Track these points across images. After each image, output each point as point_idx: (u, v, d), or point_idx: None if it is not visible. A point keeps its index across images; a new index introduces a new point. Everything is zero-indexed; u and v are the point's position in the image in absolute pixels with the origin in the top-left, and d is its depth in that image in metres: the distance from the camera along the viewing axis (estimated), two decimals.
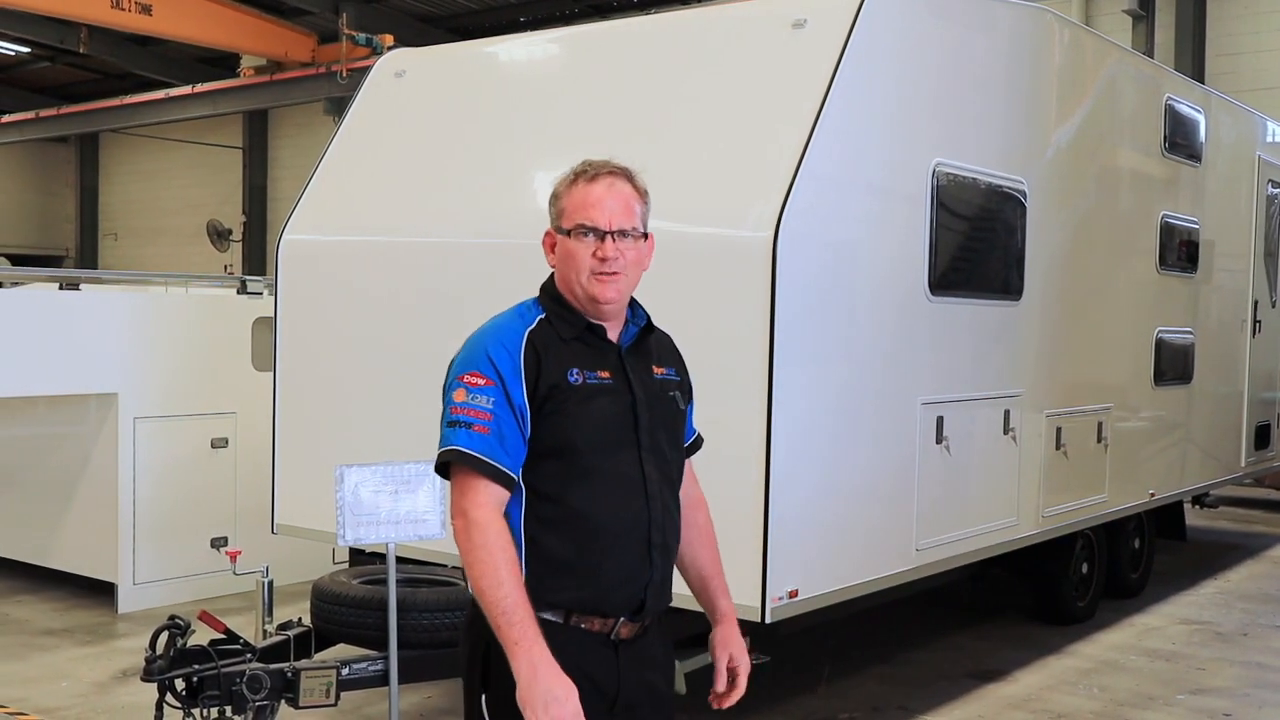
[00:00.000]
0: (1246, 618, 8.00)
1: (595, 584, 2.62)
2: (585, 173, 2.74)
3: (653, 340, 2.82)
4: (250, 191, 26.25)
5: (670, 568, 2.77)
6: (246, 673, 4.61)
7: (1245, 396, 9.43)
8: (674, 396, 2.80)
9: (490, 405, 2.59)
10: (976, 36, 6.14)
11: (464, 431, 2.57)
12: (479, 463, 2.56)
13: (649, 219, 2.78)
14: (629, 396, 2.68)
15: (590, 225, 2.67)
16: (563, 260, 2.71)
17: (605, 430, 2.64)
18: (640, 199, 2.75)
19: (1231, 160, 9.16)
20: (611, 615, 2.64)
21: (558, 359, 2.64)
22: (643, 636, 2.72)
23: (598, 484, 2.63)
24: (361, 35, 18.02)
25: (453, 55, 6.91)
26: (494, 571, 2.50)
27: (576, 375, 2.64)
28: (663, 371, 2.79)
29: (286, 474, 6.37)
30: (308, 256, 6.37)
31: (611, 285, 2.66)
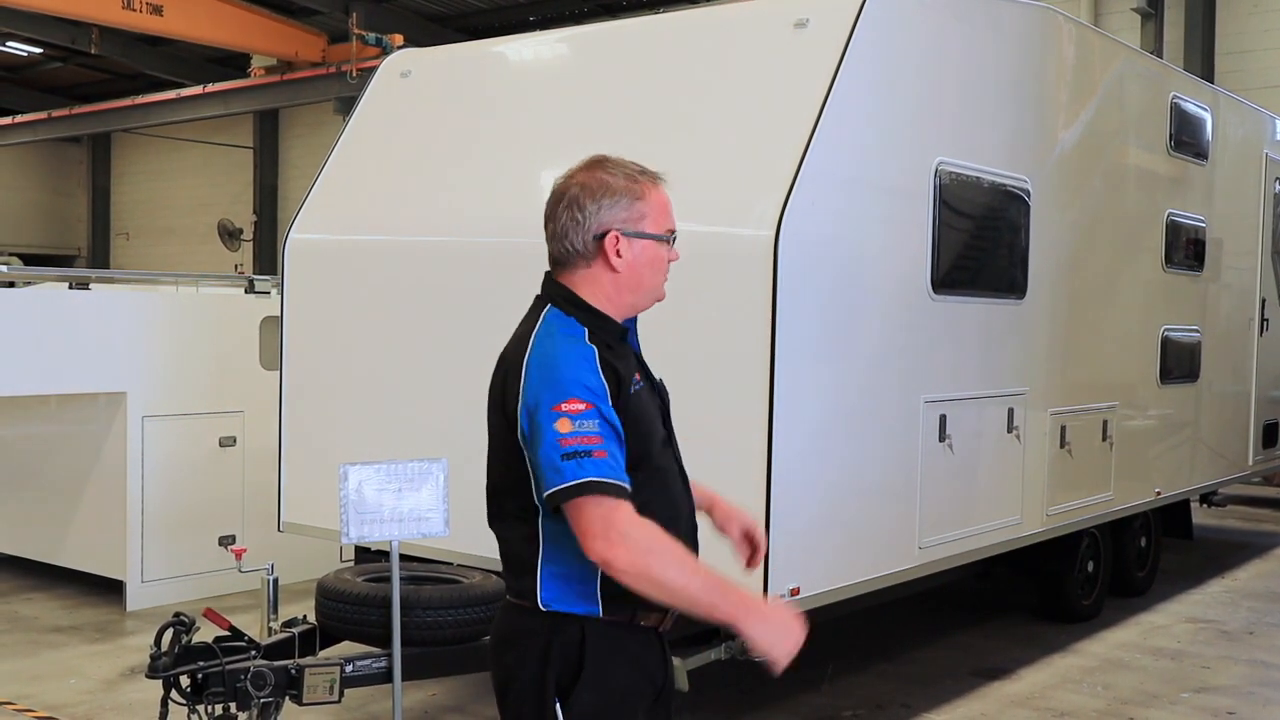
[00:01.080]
0: (1253, 616, 7.99)
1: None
2: (645, 173, 2.73)
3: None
4: (261, 191, 26.31)
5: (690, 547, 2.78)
6: (251, 669, 4.64)
7: (1253, 395, 9.42)
8: (660, 400, 2.79)
9: (597, 429, 2.51)
10: (979, 35, 6.14)
11: (588, 461, 2.48)
12: (612, 487, 2.49)
13: None
14: (657, 397, 2.74)
15: (674, 231, 2.73)
16: (649, 265, 2.67)
17: (657, 430, 2.70)
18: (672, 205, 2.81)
19: (1239, 158, 9.15)
20: (662, 609, 2.62)
21: (620, 371, 2.60)
22: (663, 636, 2.74)
23: (669, 482, 2.70)
24: (371, 35, 18.05)
25: (458, 55, 6.94)
26: (681, 560, 2.49)
27: (637, 384, 2.65)
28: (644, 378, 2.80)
29: (292, 472, 6.40)
30: (314, 255, 6.40)
31: (656, 291, 2.75)
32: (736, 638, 5.30)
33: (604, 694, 2.59)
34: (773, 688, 6.13)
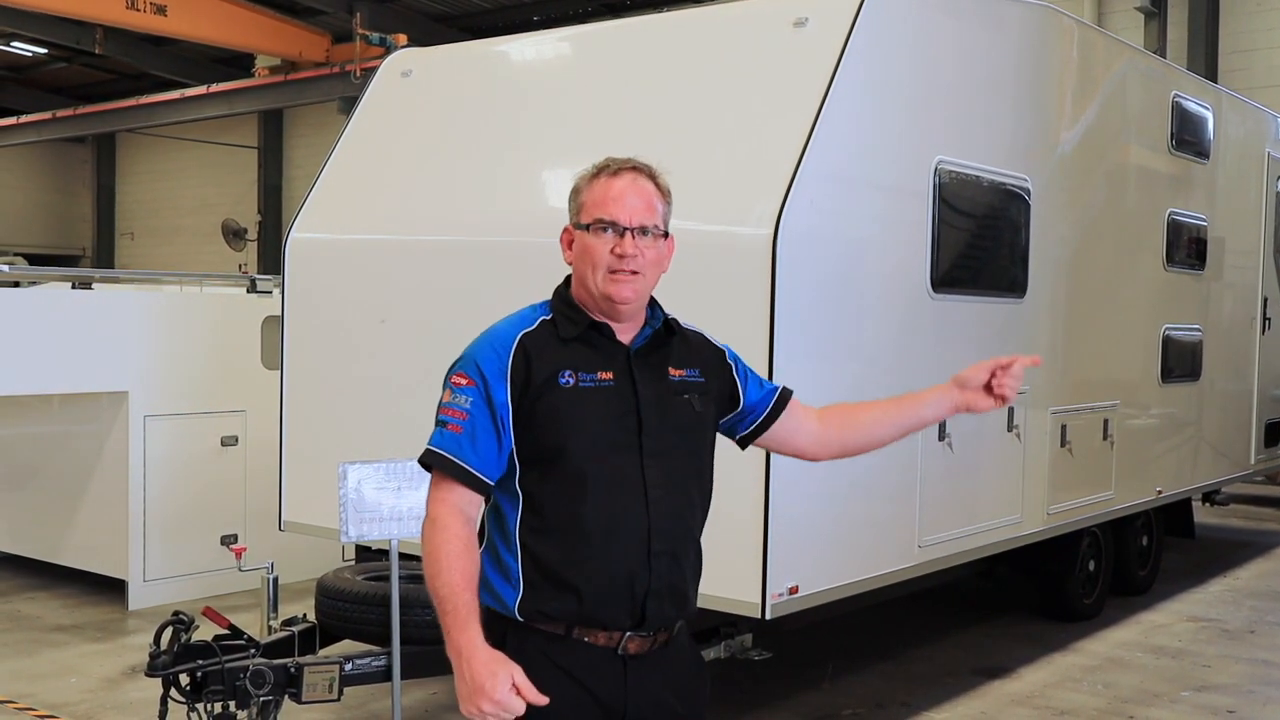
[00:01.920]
0: (1254, 615, 7.98)
1: (588, 592, 2.51)
2: (608, 168, 2.67)
3: (675, 341, 2.69)
4: (265, 191, 26.34)
5: (682, 576, 2.60)
6: (250, 668, 4.65)
7: (1255, 393, 9.40)
8: (688, 399, 2.65)
9: (468, 405, 2.55)
10: (979, 34, 6.14)
11: (439, 431, 2.56)
12: (445, 462, 2.53)
13: (670, 219, 2.69)
14: (633, 399, 2.57)
15: (610, 220, 2.58)
16: (579, 257, 2.62)
17: (600, 433, 2.54)
18: (663, 197, 2.67)
19: (1240, 157, 9.14)
20: (612, 627, 2.53)
21: (550, 361, 2.56)
22: (659, 652, 2.59)
23: (590, 489, 2.52)
24: (375, 35, 18.06)
25: (459, 55, 6.95)
26: (436, 563, 2.45)
27: (568, 377, 2.55)
28: (682, 373, 2.66)
29: (293, 471, 6.41)
30: (315, 255, 6.41)
31: (628, 285, 2.56)
32: (736, 636, 5.36)
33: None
34: (773, 687, 6.14)
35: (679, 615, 2.63)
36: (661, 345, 2.68)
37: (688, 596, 2.64)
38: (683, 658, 2.68)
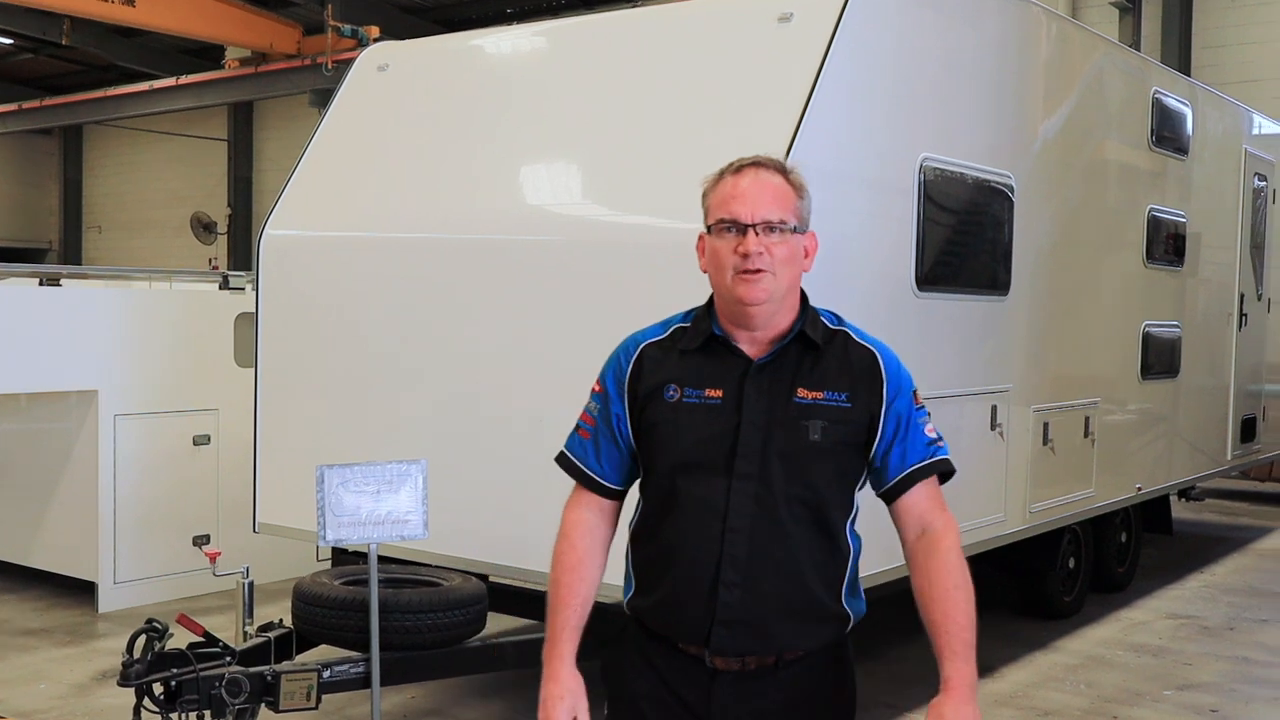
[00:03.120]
0: (1232, 612, 7.99)
1: (661, 606, 2.55)
2: (731, 166, 2.58)
3: (819, 357, 2.52)
4: (235, 184, 26.13)
5: (762, 612, 2.48)
6: (225, 676, 4.55)
7: (1231, 390, 9.41)
8: (806, 425, 2.46)
9: (595, 412, 2.64)
10: (963, 29, 6.09)
11: (573, 433, 2.67)
12: (570, 465, 2.66)
13: (807, 213, 2.56)
14: (735, 418, 2.47)
15: (731, 219, 2.48)
16: (709, 261, 2.53)
17: (690, 452, 2.49)
18: (795, 191, 2.54)
19: (1218, 153, 9.14)
20: (685, 640, 2.52)
21: (661, 373, 2.53)
22: (757, 674, 2.52)
23: (675, 507, 2.51)
24: (347, 27, 17.90)
25: (436, 48, 6.84)
26: (550, 575, 2.60)
27: (673, 392, 2.51)
28: (814, 395, 2.48)
29: (268, 472, 6.31)
30: (290, 252, 6.31)
31: (757, 285, 2.44)
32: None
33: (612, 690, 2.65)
34: None
35: (763, 649, 2.52)
36: (795, 360, 2.52)
37: (772, 633, 2.50)
38: (797, 688, 2.56)
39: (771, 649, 2.53)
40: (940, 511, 2.59)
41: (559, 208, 5.65)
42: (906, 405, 2.55)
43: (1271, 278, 10.13)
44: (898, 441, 2.54)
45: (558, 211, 5.61)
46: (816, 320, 2.57)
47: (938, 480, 2.61)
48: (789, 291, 2.51)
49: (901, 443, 2.54)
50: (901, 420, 2.54)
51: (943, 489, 2.63)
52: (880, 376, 2.55)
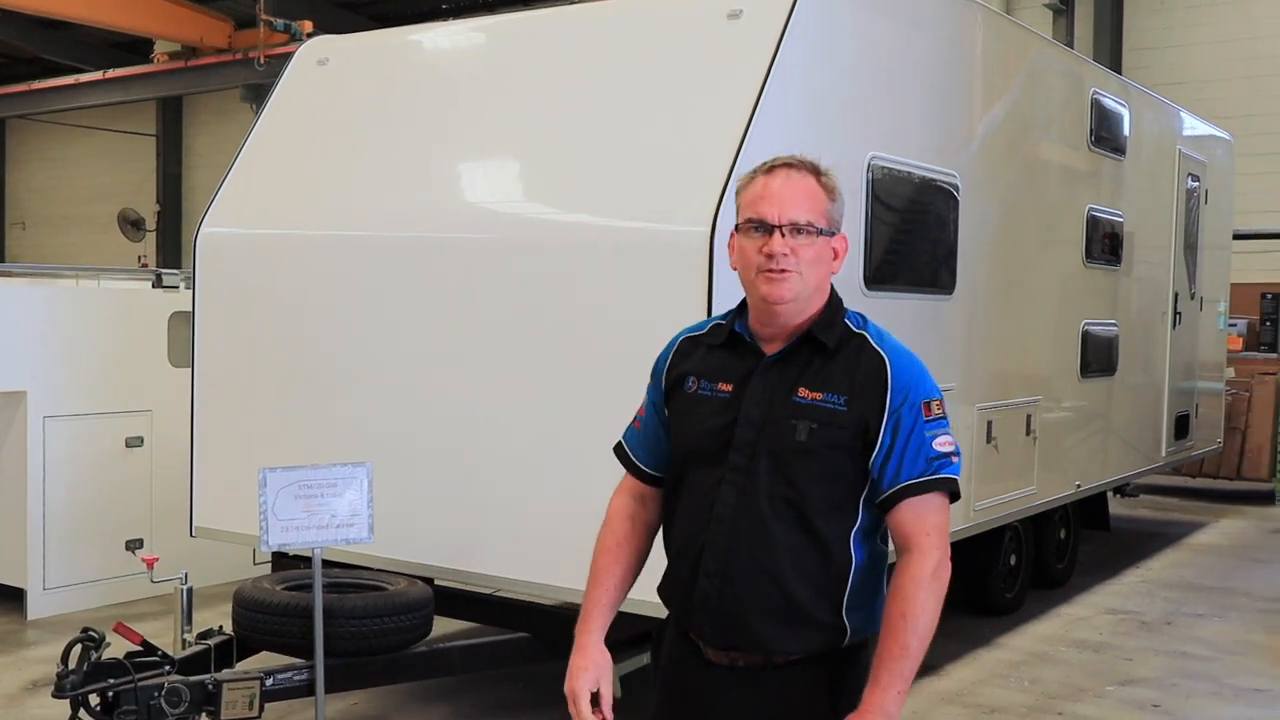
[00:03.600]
0: (1169, 606, 8.09)
1: (663, 589, 2.68)
2: (764, 165, 2.61)
3: (823, 359, 2.52)
4: (164, 180, 25.68)
5: (736, 605, 2.50)
6: (165, 685, 4.44)
7: (1166, 387, 9.54)
8: (795, 425, 2.47)
9: (646, 403, 2.77)
10: (910, 29, 6.09)
11: (629, 425, 2.80)
12: (620, 451, 2.80)
13: (838, 216, 2.57)
14: (736, 413, 2.52)
15: (759, 219, 2.50)
16: (738, 259, 2.57)
17: (698, 443, 2.57)
18: (826, 193, 2.55)
19: (1153, 154, 9.25)
20: (683, 625, 2.62)
21: (688, 366, 2.64)
22: (746, 672, 2.53)
23: (680, 495, 2.62)
24: (280, 21, 17.61)
25: (378, 43, 6.73)
26: (593, 552, 2.74)
27: (691, 384, 2.62)
28: (814, 396, 2.48)
29: (206, 475, 6.16)
30: (227, 249, 6.17)
31: (781, 284, 2.47)
32: None
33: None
34: None
35: (748, 646, 2.52)
36: (805, 360, 2.53)
37: (753, 631, 2.50)
38: (787, 695, 2.52)
39: (756, 647, 2.52)
40: (924, 535, 2.47)
41: (502, 206, 5.57)
42: (912, 417, 2.48)
43: (1203, 277, 10.29)
44: (895, 454, 2.48)
45: (501, 210, 5.53)
46: (834, 322, 2.56)
47: (939, 499, 2.49)
48: (816, 292, 2.54)
49: (900, 455, 2.47)
50: (901, 431, 2.47)
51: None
52: (885, 384, 2.49)
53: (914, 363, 2.55)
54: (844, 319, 2.58)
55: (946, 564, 2.47)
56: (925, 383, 2.53)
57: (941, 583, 2.46)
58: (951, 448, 2.50)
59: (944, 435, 2.50)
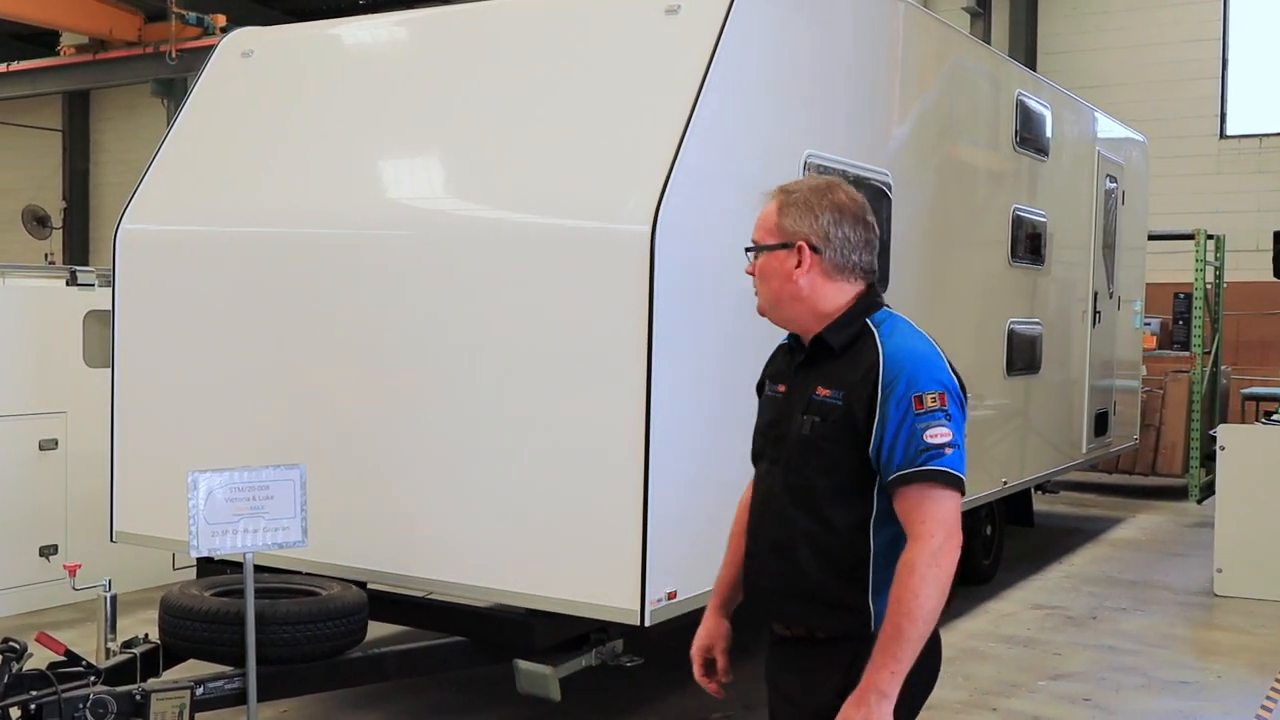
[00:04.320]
0: (1094, 601, 8.21)
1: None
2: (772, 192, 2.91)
3: (836, 359, 2.71)
4: (71, 176, 25.04)
5: (768, 584, 2.79)
6: (91, 697, 4.27)
7: (1086, 385, 9.70)
8: (804, 420, 2.69)
9: None
10: (844, 28, 6.10)
11: None
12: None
13: (798, 224, 2.76)
14: (778, 412, 2.80)
15: (752, 244, 2.85)
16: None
17: (756, 440, 2.88)
18: (779, 211, 2.77)
19: (1074, 155, 9.40)
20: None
21: (769, 370, 2.95)
22: (791, 645, 2.78)
23: (755, 492, 2.89)
24: (192, 14, 17.23)
25: (305, 35, 6.56)
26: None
27: (767, 386, 2.92)
28: (825, 393, 2.68)
29: (127, 478, 5.98)
30: (148, 247, 5.99)
31: (759, 302, 2.83)
32: (607, 643, 5.19)
33: None
34: (640, 691, 6.00)
35: (787, 620, 2.79)
36: (822, 361, 2.74)
37: (783, 608, 2.78)
38: (804, 668, 2.77)
39: (794, 621, 2.77)
40: (919, 523, 2.56)
41: (432, 203, 5.46)
42: (900, 409, 2.57)
43: (1121, 277, 10.48)
44: (887, 445, 2.59)
45: (431, 207, 5.43)
46: (849, 324, 2.72)
47: (934, 489, 2.55)
48: (789, 301, 2.76)
49: (891, 447, 2.58)
50: (890, 422, 2.58)
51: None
52: (875, 377, 2.62)
53: (911, 356, 2.64)
54: (867, 319, 2.72)
55: (947, 551, 2.54)
56: (921, 376, 2.60)
57: (940, 569, 2.53)
58: (945, 439, 2.56)
59: (937, 427, 2.56)
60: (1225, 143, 16.94)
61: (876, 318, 2.73)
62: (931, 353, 2.68)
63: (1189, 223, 13.85)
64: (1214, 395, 12.88)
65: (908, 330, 2.73)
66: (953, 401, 2.61)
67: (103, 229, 24.47)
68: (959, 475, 2.58)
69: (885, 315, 2.76)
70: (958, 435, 2.59)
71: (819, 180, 2.84)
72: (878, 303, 2.78)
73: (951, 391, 2.62)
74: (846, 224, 2.74)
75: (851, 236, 2.74)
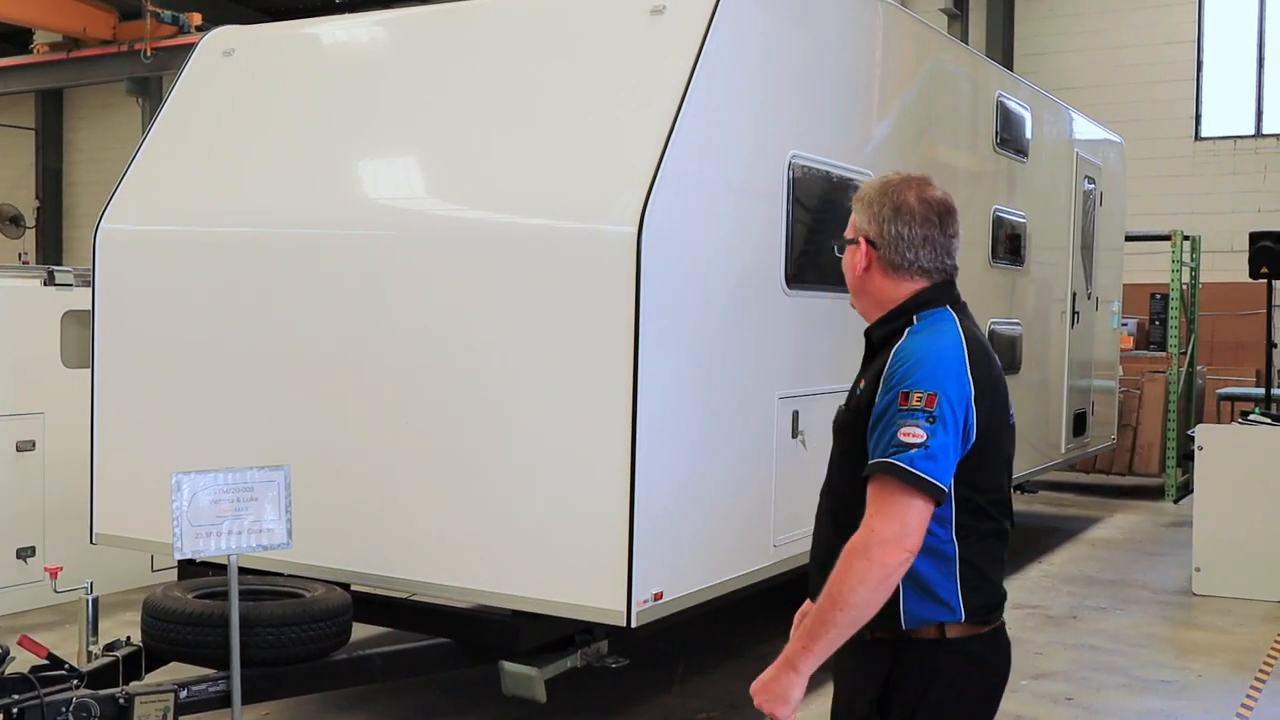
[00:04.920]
0: (1073, 600, 8.25)
1: None
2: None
3: (877, 353, 2.78)
4: (44, 175, 24.83)
5: (821, 577, 2.67)
6: (74, 700, 4.24)
7: (1065, 385, 9.74)
8: (840, 412, 2.82)
9: None
10: (826, 29, 6.11)
11: None
12: None
13: (860, 223, 2.81)
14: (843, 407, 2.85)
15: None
16: None
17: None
18: (854, 208, 2.84)
19: (1053, 156, 9.45)
20: None
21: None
22: (851, 645, 2.67)
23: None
24: (168, 13, 17.13)
25: (288, 34, 6.52)
26: None
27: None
28: (862, 384, 2.77)
29: (106, 480, 5.93)
30: (129, 247, 5.94)
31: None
32: (592, 644, 5.18)
33: None
34: (625, 691, 5.99)
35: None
36: (868, 357, 2.83)
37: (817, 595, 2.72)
38: (846, 670, 2.80)
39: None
40: (870, 515, 2.56)
41: (416, 203, 5.44)
42: (888, 403, 2.60)
43: (1099, 277, 10.53)
44: (872, 436, 2.63)
45: (415, 207, 5.40)
46: (891, 320, 2.77)
47: (890, 482, 2.53)
48: (858, 294, 2.86)
49: (871, 437, 2.63)
50: (876, 412, 2.63)
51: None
52: (892, 365, 2.66)
53: (919, 353, 2.63)
54: (914, 316, 2.74)
55: (885, 550, 2.49)
56: (914, 375, 2.60)
57: (870, 563, 2.50)
58: (916, 440, 2.53)
59: (912, 426, 2.55)
60: (1200, 144, 17.08)
61: (923, 314, 2.72)
62: (947, 356, 2.63)
63: (1165, 224, 13.95)
64: (1190, 395, 12.97)
65: (943, 330, 2.69)
66: (944, 405, 2.55)
67: (76, 228, 24.30)
68: (922, 476, 2.51)
69: (933, 313, 2.73)
70: (937, 440, 2.53)
71: (895, 177, 2.84)
72: (932, 300, 2.75)
73: (946, 395, 2.56)
74: (903, 221, 2.75)
75: (907, 234, 2.75)
